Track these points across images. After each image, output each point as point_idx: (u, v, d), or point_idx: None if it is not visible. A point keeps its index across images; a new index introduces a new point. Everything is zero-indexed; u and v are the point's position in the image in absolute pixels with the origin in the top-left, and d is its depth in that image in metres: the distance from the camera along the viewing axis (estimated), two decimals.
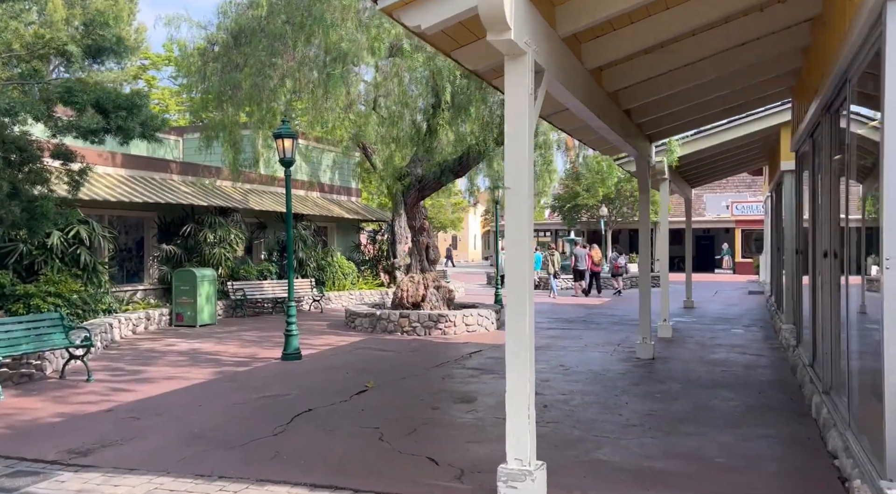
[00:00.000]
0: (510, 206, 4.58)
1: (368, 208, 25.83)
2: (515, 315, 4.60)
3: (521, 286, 4.58)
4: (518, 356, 4.63)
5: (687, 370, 9.59)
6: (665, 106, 9.06)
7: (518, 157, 4.55)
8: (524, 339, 4.61)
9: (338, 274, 20.53)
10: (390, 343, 12.32)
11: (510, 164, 4.59)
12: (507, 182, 4.61)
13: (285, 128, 10.59)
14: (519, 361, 4.64)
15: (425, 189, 14.07)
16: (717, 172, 20.44)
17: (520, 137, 4.55)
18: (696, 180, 19.91)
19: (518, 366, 4.64)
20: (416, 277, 14.29)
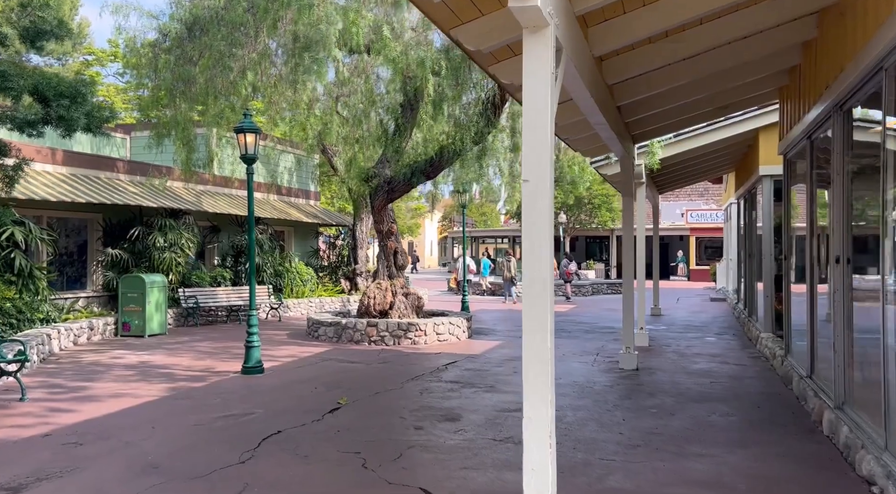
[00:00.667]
0: (528, 202, 3.98)
1: (328, 211, 24.96)
2: (534, 331, 4.00)
3: (539, 298, 3.98)
4: (537, 376, 4.03)
5: (674, 381, 9.16)
6: (654, 104, 8.64)
7: (537, 145, 3.96)
8: (544, 357, 4.01)
9: (296, 281, 19.63)
10: (358, 354, 11.57)
11: (529, 153, 3.99)
12: (526, 174, 4.01)
13: (248, 122, 9.79)
14: (539, 382, 4.04)
15: (394, 191, 13.39)
16: (685, 178, 20.34)
17: (539, 123, 3.97)
18: (665, 186, 19.79)
19: (538, 388, 4.04)
20: (384, 283, 13.58)
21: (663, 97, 8.43)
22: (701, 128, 12.35)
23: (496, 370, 10.02)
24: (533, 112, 3.97)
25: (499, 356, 11.28)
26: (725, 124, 12.32)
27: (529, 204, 3.98)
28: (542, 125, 3.96)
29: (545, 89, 3.93)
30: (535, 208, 3.96)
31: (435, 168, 12.94)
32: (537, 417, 4.00)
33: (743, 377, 9.48)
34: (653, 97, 8.25)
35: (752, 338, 12.89)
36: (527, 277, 4.02)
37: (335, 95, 13.82)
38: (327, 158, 21.09)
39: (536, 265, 3.97)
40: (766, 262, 11.89)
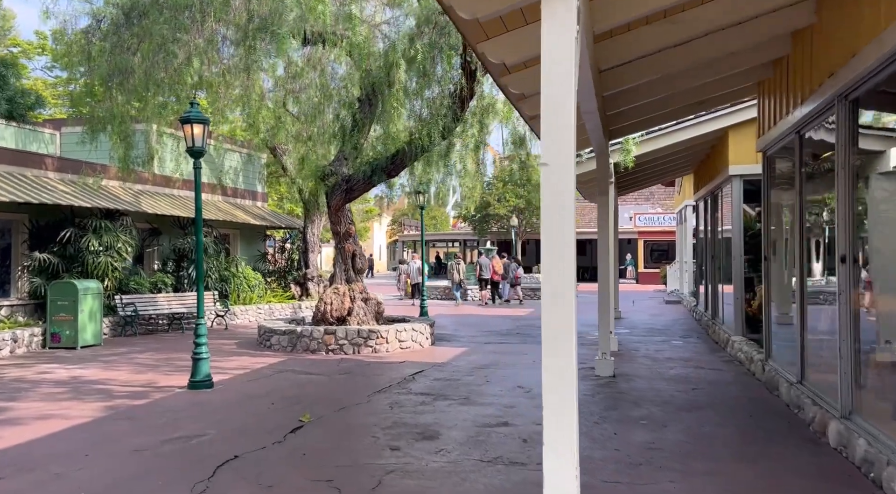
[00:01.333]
0: (549, 190, 3.37)
1: (276, 213, 23.89)
2: (557, 341, 3.39)
3: (562, 304, 3.38)
4: (562, 402, 3.40)
5: (655, 389, 8.73)
6: (634, 97, 8.21)
7: (559, 121, 3.37)
8: (568, 372, 3.39)
9: (243, 286, 18.56)
10: (316, 365, 10.76)
11: (549, 131, 3.39)
12: (545, 157, 3.41)
13: (195, 111, 8.90)
14: (563, 402, 3.41)
15: (353, 190, 12.63)
16: (646, 180, 20.21)
17: (561, 95, 3.37)
18: (625, 188, 19.57)
19: (562, 408, 3.41)
20: (342, 288, 12.80)
21: (645, 89, 8.01)
22: (670, 126, 12.07)
23: (467, 379, 9.40)
24: (553, 81, 3.37)
25: (467, 364, 10.67)
26: (694, 123, 12.08)
27: (550, 193, 3.37)
28: (564, 96, 3.36)
29: (568, 52, 3.34)
30: (556, 197, 3.36)
31: (397, 166, 12.24)
32: (562, 446, 3.36)
33: (723, 383, 9.13)
34: (635, 88, 7.81)
35: (721, 341, 12.66)
36: (546, 280, 3.41)
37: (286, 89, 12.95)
38: (276, 157, 20.12)
39: (559, 266, 3.37)
40: (735, 264, 11.67)
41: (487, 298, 24.32)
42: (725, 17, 6.08)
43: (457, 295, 24.33)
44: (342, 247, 13.03)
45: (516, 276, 24.57)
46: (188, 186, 18.36)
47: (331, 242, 45.48)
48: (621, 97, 8.03)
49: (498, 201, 37.87)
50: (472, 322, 17.68)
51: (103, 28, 12.45)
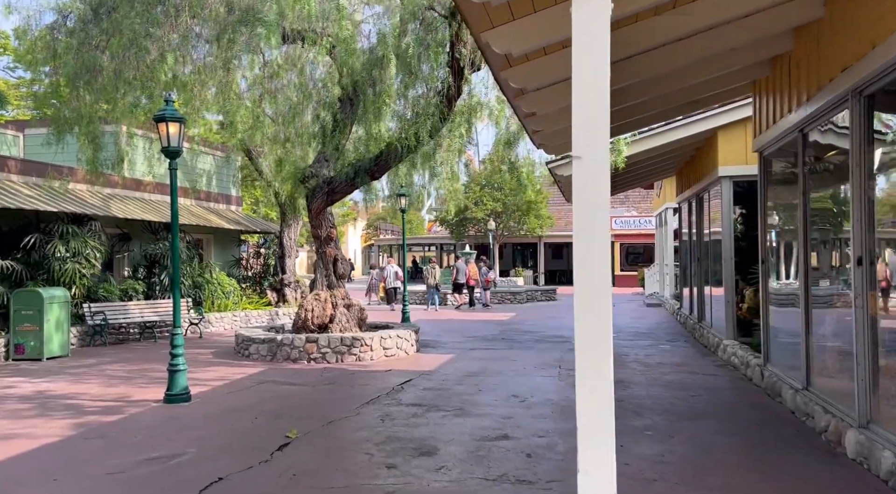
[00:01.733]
0: (581, 183, 3.03)
1: (251, 218, 23.29)
2: (591, 351, 3.05)
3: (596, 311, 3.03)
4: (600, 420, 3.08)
5: (653, 396, 8.46)
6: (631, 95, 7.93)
7: (592, 106, 3.04)
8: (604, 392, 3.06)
9: (218, 293, 17.96)
10: (299, 375, 10.30)
11: (582, 120, 3.05)
12: (577, 149, 3.07)
13: (170, 109, 8.42)
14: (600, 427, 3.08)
15: (335, 192, 12.19)
16: (630, 183, 20.05)
17: (595, 79, 3.04)
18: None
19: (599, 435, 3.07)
20: (323, 294, 12.34)
21: (643, 86, 7.74)
22: (660, 127, 11.87)
23: (458, 388, 9.03)
24: (586, 63, 3.03)
25: (455, 372, 10.30)
26: (683, 124, 11.89)
27: (583, 188, 3.04)
28: (599, 79, 3.03)
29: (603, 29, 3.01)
30: (590, 192, 3.02)
31: (381, 167, 11.84)
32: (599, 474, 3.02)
33: (720, 389, 8.90)
34: (633, 86, 7.53)
35: (710, 345, 12.48)
36: (579, 284, 3.07)
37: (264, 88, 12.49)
38: (252, 159, 19.58)
39: (592, 267, 3.03)
40: (726, 266, 11.50)
41: (464, 302, 24.16)
42: (736, 8, 5.84)
43: (435, 299, 24.37)
44: (323, 251, 12.58)
45: (486, 280, 24.50)
46: (160, 189, 17.72)
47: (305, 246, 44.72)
48: (617, 95, 7.73)
49: (475, 205, 37.60)
50: (454, 328, 17.32)
51: (70, 24, 11.87)
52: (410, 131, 10.27)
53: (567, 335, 15.44)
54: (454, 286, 24.39)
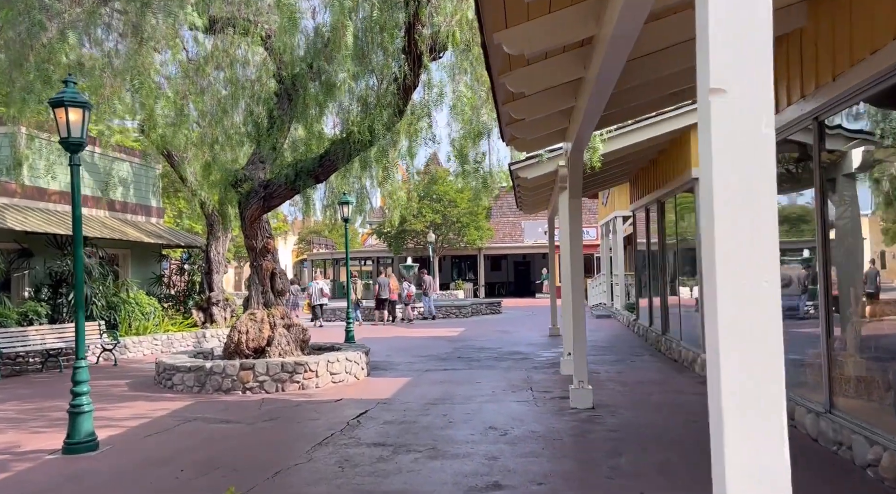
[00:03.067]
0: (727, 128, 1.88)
1: (174, 230, 21.30)
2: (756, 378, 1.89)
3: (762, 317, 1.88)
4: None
5: (650, 423, 7.44)
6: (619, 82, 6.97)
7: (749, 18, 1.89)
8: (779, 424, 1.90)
9: (136, 314, 16.04)
10: (233, 409, 8.78)
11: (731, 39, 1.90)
12: (716, 79, 1.92)
13: (70, 91, 6.86)
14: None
15: (273, 197, 10.73)
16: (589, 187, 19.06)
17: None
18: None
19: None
20: (259, 313, 10.84)
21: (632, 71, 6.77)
22: (628, 126, 11.02)
23: (425, 420, 7.76)
24: None
25: (417, 400, 9.02)
26: (653, 122, 11.08)
27: (730, 134, 1.88)
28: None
29: None
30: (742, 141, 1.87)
31: (327, 168, 10.47)
32: None
33: None
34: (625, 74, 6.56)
35: (683, 360, 11.67)
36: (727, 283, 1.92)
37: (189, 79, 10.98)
38: (174, 166, 17.75)
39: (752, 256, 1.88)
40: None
41: (387, 318, 23.44)
42: None
43: (356, 315, 23.53)
44: (259, 265, 11.09)
45: (409, 295, 23.58)
46: (66, 199, 15.73)
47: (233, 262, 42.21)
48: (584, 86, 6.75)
49: (414, 217, 36.43)
50: (403, 346, 16.01)
51: None
52: (364, 125, 8.98)
53: (525, 351, 14.42)
54: (377, 302, 23.47)
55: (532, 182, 11.63)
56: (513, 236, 44.86)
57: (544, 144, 8.60)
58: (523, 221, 45.96)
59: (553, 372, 11.26)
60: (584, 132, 7.17)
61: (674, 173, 12.19)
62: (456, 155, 9.46)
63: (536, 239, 43.85)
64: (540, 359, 13.10)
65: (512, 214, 46.04)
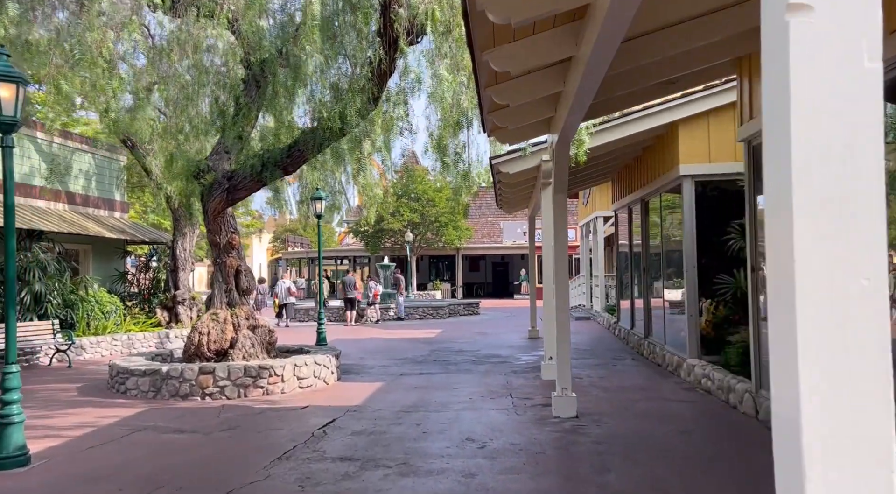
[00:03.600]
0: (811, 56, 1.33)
1: (139, 226, 20.44)
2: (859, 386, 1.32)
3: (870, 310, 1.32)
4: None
5: (637, 433, 6.94)
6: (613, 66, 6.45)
7: None
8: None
9: (95, 312, 15.23)
10: (189, 417, 8.11)
11: None
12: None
13: (1, 64, 6.17)
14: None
15: (238, 190, 10.06)
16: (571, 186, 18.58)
17: None
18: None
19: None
20: (222, 313, 10.17)
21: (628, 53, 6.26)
22: (615, 119, 10.56)
23: (396, 431, 7.17)
24: None
25: (389, 407, 8.43)
26: (640, 116, 10.63)
27: (820, 74, 1.33)
28: None
29: None
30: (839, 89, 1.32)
31: (295, 159, 9.82)
32: None
33: (710, 422, 7.50)
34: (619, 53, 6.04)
35: (667, 364, 11.23)
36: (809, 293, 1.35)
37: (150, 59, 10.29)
38: (138, 158, 16.95)
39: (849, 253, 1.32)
40: (689, 276, 10.26)
41: (353, 318, 22.81)
42: None
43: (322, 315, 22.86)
44: (222, 262, 10.41)
45: (374, 294, 22.89)
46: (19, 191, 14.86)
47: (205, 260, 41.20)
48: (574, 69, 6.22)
49: (392, 216, 35.80)
50: (377, 348, 15.40)
51: None
52: (335, 111, 8.35)
53: (504, 354, 13.90)
54: (345, 302, 22.78)
55: (514, 178, 11.11)
56: (491, 236, 44.42)
57: (528, 135, 8.06)
58: (502, 221, 45.55)
59: (533, 377, 10.74)
60: (571, 121, 6.63)
61: (660, 171, 11.74)
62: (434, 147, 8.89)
63: (515, 240, 43.46)
64: (519, 363, 12.58)
65: (491, 214, 45.60)
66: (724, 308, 10.37)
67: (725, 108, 10.19)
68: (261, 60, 10.05)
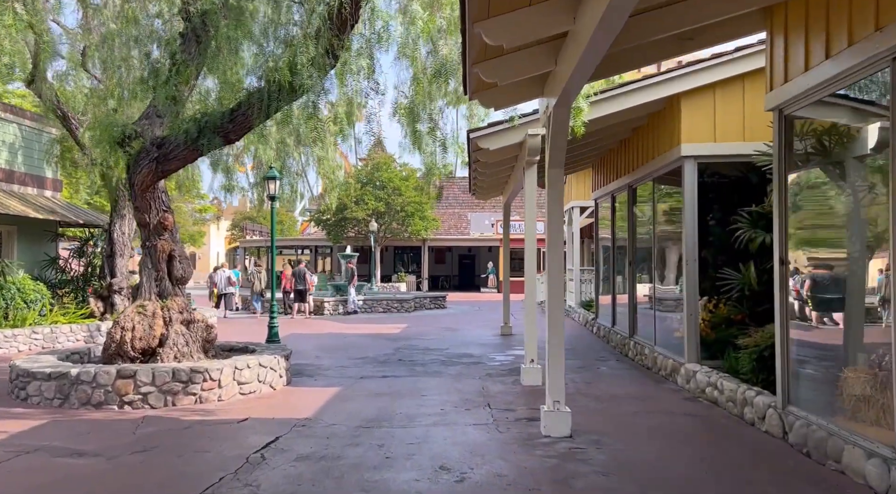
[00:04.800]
0: None
1: (74, 206, 18.57)
2: None
3: None
4: None
5: (647, 460, 5.69)
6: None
7: None
8: None
9: (16, 302, 13.46)
10: (97, 434, 6.60)
11: None
12: None
13: None
14: None
15: (169, 160, 8.50)
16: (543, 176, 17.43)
17: None
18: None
19: None
20: (150, 305, 8.64)
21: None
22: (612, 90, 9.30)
23: (353, 454, 5.79)
24: None
25: (346, 421, 7.03)
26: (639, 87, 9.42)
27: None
28: None
29: None
30: None
31: (239, 124, 8.29)
32: None
33: (730, 443, 6.30)
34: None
35: (659, 368, 10.07)
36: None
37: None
38: (70, 130, 15.14)
39: None
40: (689, 270, 9.09)
41: (298, 310, 21.25)
42: None
43: (257, 307, 21.63)
44: (152, 245, 8.86)
45: (310, 285, 21.24)
46: None
47: None
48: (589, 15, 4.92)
49: (356, 204, 34.24)
50: (335, 344, 13.96)
51: None
52: (283, 60, 6.88)
53: (476, 353, 12.61)
54: (295, 294, 21.21)
55: (493, 156, 9.78)
56: (458, 227, 43.16)
57: (517, 97, 6.73)
58: (469, 212, 44.29)
59: (512, 382, 9.47)
60: (577, 75, 5.31)
61: (654, 153, 10.55)
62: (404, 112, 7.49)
63: (483, 231, 42.27)
64: (494, 364, 11.30)
65: (458, 205, 44.29)
66: (726, 307, 9.25)
67: (734, 80, 9.03)
68: (202, 12, 8.53)
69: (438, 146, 7.84)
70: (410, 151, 8.93)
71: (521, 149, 9.66)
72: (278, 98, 7.53)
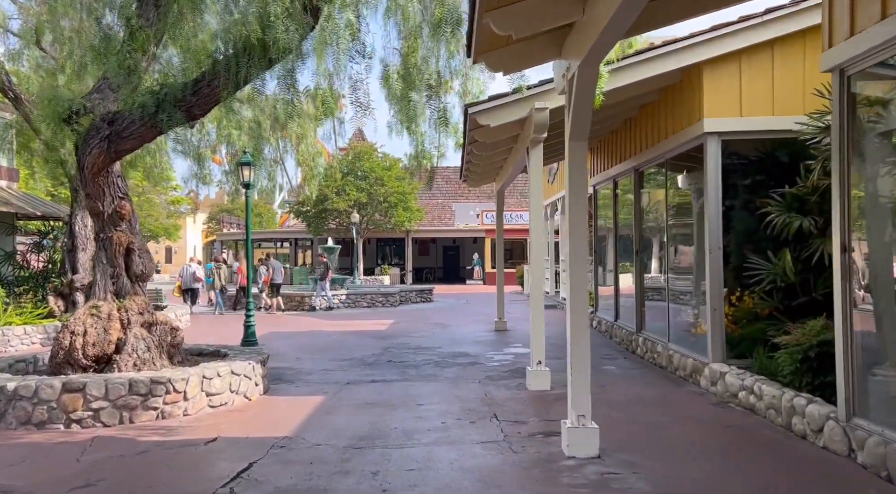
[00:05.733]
0: None
1: (33, 197, 17.25)
2: None
3: None
4: None
5: (689, 482, 4.75)
6: None
7: None
8: None
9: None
10: (32, 462, 5.50)
11: None
12: None
13: None
14: None
15: (123, 138, 7.36)
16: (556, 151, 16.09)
17: None
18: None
19: None
20: (105, 306, 7.53)
21: None
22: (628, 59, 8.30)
23: (343, 486, 4.76)
24: None
25: (332, 440, 6.00)
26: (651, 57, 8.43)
27: None
28: None
29: None
30: None
31: (204, 98, 7.16)
32: None
33: (791, 466, 5.38)
34: None
35: (677, 368, 9.16)
36: None
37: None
38: (24, 114, 13.87)
39: None
40: (712, 258, 8.17)
41: (265, 304, 20.34)
42: None
43: (221, 303, 20.60)
44: (107, 237, 7.74)
45: (265, 280, 20.23)
46: None
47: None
48: None
49: (337, 195, 33.06)
50: (318, 343, 12.89)
51: None
52: (252, 14, 5.80)
53: (472, 352, 11.64)
54: (270, 287, 20.32)
55: (494, 134, 8.73)
56: (442, 219, 42.14)
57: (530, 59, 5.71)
58: (454, 203, 43.29)
59: (517, 386, 8.50)
60: (614, 25, 4.31)
61: (668, 131, 9.60)
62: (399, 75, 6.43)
63: (468, 222, 41.30)
64: (493, 364, 10.33)
65: (442, 196, 43.26)
66: (752, 300, 8.34)
67: (761, 47, 8.11)
68: None
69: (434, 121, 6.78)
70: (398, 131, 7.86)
71: (524, 126, 8.65)
72: (248, 64, 6.43)
